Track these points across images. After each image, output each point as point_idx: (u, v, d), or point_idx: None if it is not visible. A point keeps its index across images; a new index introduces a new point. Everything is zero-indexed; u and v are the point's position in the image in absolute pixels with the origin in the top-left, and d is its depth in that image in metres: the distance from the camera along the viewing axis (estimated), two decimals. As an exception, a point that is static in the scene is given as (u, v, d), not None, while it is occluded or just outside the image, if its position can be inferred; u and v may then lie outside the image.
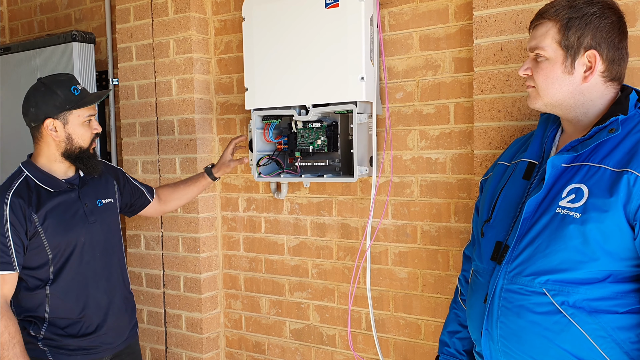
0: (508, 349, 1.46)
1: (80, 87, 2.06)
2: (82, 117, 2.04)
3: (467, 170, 2.19)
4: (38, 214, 1.96)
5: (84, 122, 2.05)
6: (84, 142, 2.06)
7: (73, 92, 2.02)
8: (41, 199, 1.99)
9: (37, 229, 1.96)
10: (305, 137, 2.41)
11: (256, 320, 2.81)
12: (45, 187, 2.02)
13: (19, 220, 1.93)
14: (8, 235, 1.91)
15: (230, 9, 2.76)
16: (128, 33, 2.92)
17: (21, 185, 1.99)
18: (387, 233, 2.38)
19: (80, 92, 2.04)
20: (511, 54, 1.94)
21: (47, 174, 2.04)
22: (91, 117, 2.07)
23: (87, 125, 2.06)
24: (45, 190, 2.02)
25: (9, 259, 1.92)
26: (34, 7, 3.65)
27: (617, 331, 1.34)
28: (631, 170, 1.32)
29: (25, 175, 2.02)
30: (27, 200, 1.96)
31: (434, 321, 2.30)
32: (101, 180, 2.22)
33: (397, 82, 2.32)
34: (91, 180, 2.17)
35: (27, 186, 1.99)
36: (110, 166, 2.33)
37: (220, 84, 2.83)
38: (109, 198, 2.21)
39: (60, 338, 2.04)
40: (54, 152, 2.05)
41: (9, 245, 1.92)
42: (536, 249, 1.42)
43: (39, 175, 2.03)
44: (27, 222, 1.95)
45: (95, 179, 2.19)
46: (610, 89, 1.46)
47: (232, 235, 2.86)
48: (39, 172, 2.04)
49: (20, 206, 1.94)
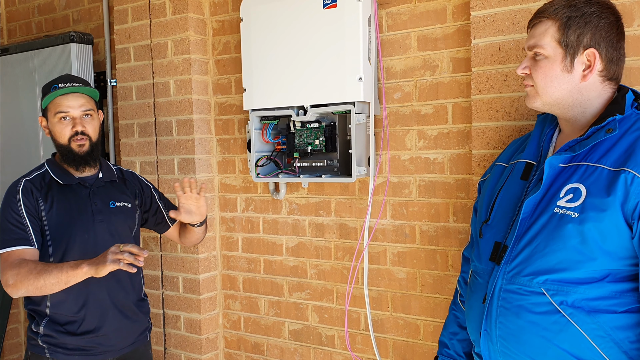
0: (507, 349, 1.46)
1: (62, 85, 2.06)
2: (53, 113, 2.07)
3: (465, 170, 2.19)
4: (45, 204, 2.04)
5: (59, 119, 2.06)
6: (61, 138, 2.08)
7: (51, 90, 2.07)
8: (51, 191, 2.07)
9: (42, 216, 2.03)
10: (304, 137, 2.41)
11: (255, 320, 2.81)
12: (58, 180, 2.09)
13: (30, 202, 2.02)
14: (23, 215, 2.00)
15: (228, 9, 2.76)
16: (126, 34, 2.92)
17: (37, 176, 2.10)
18: (385, 233, 2.38)
19: (58, 89, 2.05)
20: (509, 54, 1.95)
21: (63, 169, 2.13)
22: (66, 114, 2.06)
23: (64, 122, 2.06)
24: (57, 183, 2.10)
25: (27, 236, 1.99)
26: (32, 8, 3.64)
27: (616, 331, 1.34)
28: (628, 170, 1.32)
29: (45, 169, 2.13)
30: (38, 188, 2.06)
31: (432, 321, 2.30)
32: (121, 185, 2.23)
33: (395, 82, 2.32)
34: (109, 182, 2.20)
35: (42, 178, 2.10)
36: (138, 178, 2.34)
37: (218, 85, 2.83)
38: (124, 202, 2.20)
39: (59, 335, 2.04)
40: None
41: (25, 223, 2.00)
42: (534, 248, 1.42)
43: (55, 170, 2.12)
44: (37, 205, 2.03)
45: (114, 182, 2.21)
46: (608, 88, 1.47)
47: (231, 235, 2.86)
48: (57, 167, 2.13)
49: (31, 190, 2.04)
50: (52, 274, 1.87)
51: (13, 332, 3.67)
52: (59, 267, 1.88)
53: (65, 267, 1.87)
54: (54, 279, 1.87)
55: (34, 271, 1.88)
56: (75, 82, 2.10)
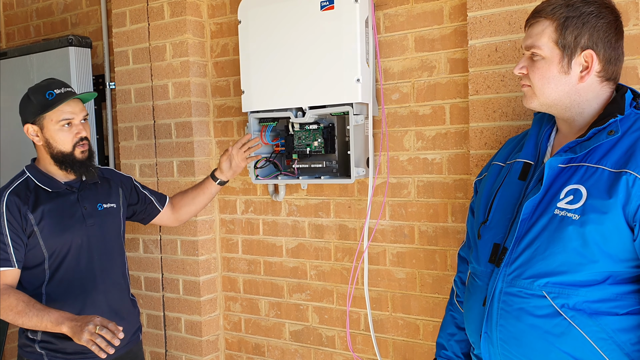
0: (508, 352, 1.45)
1: (58, 92, 2.04)
2: (55, 121, 2.03)
3: (463, 170, 2.19)
4: (34, 214, 1.99)
5: (62, 125, 2.03)
6: (64, 146, 2.05)
7: (47, 97, 2.02)
8: (39, 200, 2.02)
9: (33, 228, 1.99)
10: (302, 139, 2.41)
11: (255, 322, 2.81)
12: (44, 188, 2.05)
13: (15, 217, 1.96)
14: (5, 232, 1.95)
15: (226, 12, 2.76)
16: (124, 37, 2.92)
17: (20, 185, 2.04)
18: (384, 234, 2.39)
19: (55, 96, 2.02)
20: (505, 55, 1.95)
21: (47, 175, 2.08)
22: (69, 121, 2.04)
23: (67, 129, 2.04)
24: (44, 191, 2.05)
25: (7, 256, 1.95)
26: (30, 11, 3.65)
27: (618, 333, 1.34)
28: (630, 171, 1.31)
29: (27, 176, 2.07)
30: (24, 199, 2.00)
31: (432, 321, 2.31)
32: (105, 186, 2.22)
33: (393, 83, 2.32)
34: (93, 184, 2.18)
35: (26, 187, 2.04)
36: (117, 173, 2.33)
37: (217, 87, 2.83)
38: (111, 203, 2.20)
39: (58, 341, 2.04)
40: (46, 156, 2.08)
41: (7, 242, 1.95)
42: (535, 251, 1.41)
43: (39, 177, 2.07)
44: (23, 220, 1.97)
45: (98, 184, 2.19)
46: (606, 88, 1.46)
47: (231, 237, 2.86)
48: (40, 173, 2.08)
49: (16, 204, 1.98)
50: (31, 320, 1.87)
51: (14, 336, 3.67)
52: (40, 315, 1.86)
53: (46, 320, 1.86)
54: (31, 324, 1.87)
55: (14, 309, 1.88)
56: (68, 87, 2.09)
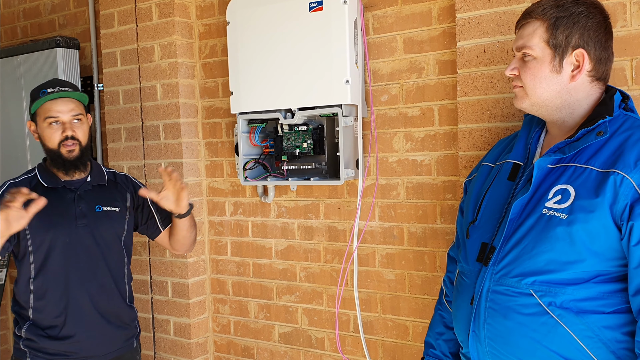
0: (496, 350, 1.46)
1: (51, 90, 2.06)
2: (43, 118, 2.06)
3: (452, 171, 2.20)
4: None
5: (49, 123, 2.05)
6: (50, 144, 2.07)
7: (39, 95, 2.06)
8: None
9: None
10: (292, 140, 2.41)
11: (245, 324, 2.81)
12: (42, 183, 2.09)
13: None
14: None
15: (215, 13, 2.76)
16: (112, 38, 2.91)
17: (24, 180, 2.11)
18: (374, 235, 2.39)
19: (47, 94, 2.05)
20: (494, 56, 1.96)
21: (50, 172, 2.13)
22: (56, 119, 2.05)
23: (54, 127, 2.06)
24: (42, 187, 2.09)
25: None
26: (17, 12, 3.62)
27: (604, 331, 1.35)
28: (617, 171, 1.32)
29: (34, 173, 2.13)
30: None
31: (421, 322, 2.31)
32: (111, 189, 2.21)
33: (382, 84, 2.33)
34: (98, 186, 2.18)
35: (29, 182, 2.10)
36: (132, 180, 2.31)
37: (205, 88, 2.82)
38: (113, 207, 2.18)
39: (39, 340, 2.04)
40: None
41: None
42: (522, 250, 1.42)
43: (42, 174, 2.13)
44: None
45: (104, 186, 2.19)
46: (596, 89, 1.47)
47: (220, 239, 2.85)
48: (44, 171, 2.13)
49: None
50: None
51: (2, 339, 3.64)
52: None
53: None
54: None
55: None
56: (64, 87, 2.09)
